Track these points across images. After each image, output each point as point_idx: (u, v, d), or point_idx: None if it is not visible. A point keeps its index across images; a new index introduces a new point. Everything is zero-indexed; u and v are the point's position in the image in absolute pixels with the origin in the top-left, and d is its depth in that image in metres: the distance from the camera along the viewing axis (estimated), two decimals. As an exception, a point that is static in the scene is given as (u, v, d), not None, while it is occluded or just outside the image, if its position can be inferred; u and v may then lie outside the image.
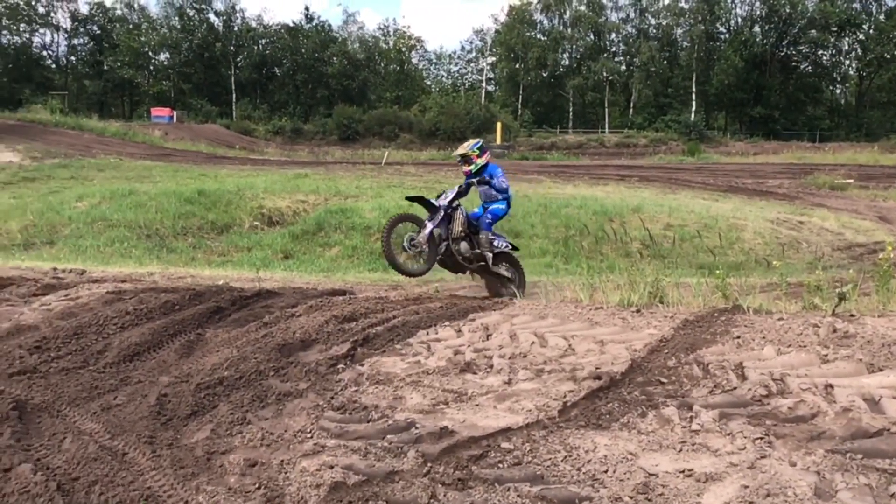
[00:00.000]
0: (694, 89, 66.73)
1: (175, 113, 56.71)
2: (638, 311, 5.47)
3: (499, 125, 50.16)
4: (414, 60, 78.71)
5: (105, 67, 69.04)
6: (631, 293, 5.91)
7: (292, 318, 5.59)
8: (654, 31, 71.81)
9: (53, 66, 70.98)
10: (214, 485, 3.05)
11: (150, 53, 70.11)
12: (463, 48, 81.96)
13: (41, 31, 68.59)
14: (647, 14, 72.37)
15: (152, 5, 74.05)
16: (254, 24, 72.09)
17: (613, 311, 5.47)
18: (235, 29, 70.79)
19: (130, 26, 70.54)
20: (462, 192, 7.73)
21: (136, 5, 72.78)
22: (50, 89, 62.65)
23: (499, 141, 47.26)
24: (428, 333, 5.11)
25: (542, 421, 3.51)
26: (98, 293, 6.78)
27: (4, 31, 65.65)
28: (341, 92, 66.15)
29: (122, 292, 6.76)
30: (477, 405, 3.78)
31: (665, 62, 70.49)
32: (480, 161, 7.88)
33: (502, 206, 7.89)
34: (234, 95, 67.47)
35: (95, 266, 11.40)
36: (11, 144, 31.42)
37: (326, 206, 18.04)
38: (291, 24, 71.35)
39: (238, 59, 69.58)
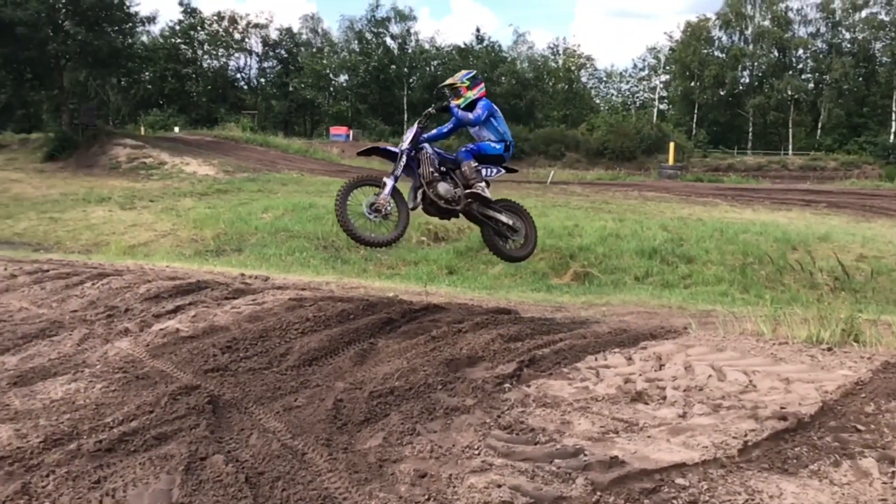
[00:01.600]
0: (894, 108, 60.92)
1: (351, 132, 59.97)
2: (829, 349, 5.03)
3: (671, 145, 48.42)
4: (583, 79, 78.08)
5: (290, 88, 74.36)
6: (821, 329, 5.45)
7: (459, 334, 5.67)
8: (849, 45, 66.44)
9: (245, 87, 77.49)
10: (386, 492, 3.14)
11: (331, 75, 74.65)
12: (635, 66, 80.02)
13: (236, 55, 75.19)
14: (840, 28, 67.17)
15: (335, 30, 78.62)
16: (427, 46, 74.81)
17: (800, 348, 5.07)
18: (409, 51, 73.76)
19: (314, 50, 75.61)
20: (425, 127, 6.47)
21: (320, 30, 78.02)
22: (242, 109, 68.46)
23: (671, 161, 45.62)
24: (596, 359, 5.00)
25: (719, 459, 3.31)
26: (281, 299, 7.24)
27: (206, 56, 72.64)
28: (508, 111, 66.66)
29: (303, 299, 7.17)
30: (649, 437, 3.63)
31: (860, 79, 64.97)
32: (471, 94, 6.51)
33: (497, 147, 6.64)
34: (405, 115, 70.22)
35: (278, 273, 12.23)
36: (208, 159, 34.65)
37: (492, 223, 18.23)
38: (462, 46, 73.33)
39: (411, 80, 72.39)
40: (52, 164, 35.07)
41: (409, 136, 6.39)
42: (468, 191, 6.37)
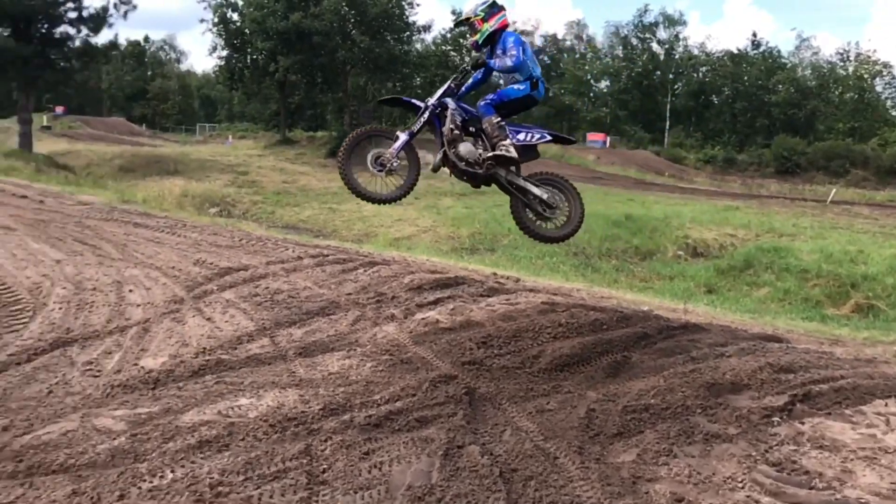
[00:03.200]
0: None
1: (608, 138, 59.23)
2: None
3: None
4: (878, 88, 69.43)
5: (550, 94, 75.33)
6: None
7: (721, 358, 5.32)
8: None
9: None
10: (640, 512, 3.04)
11: (592, 81, 74.28)
12: (948, 73, 69.19)
13: (509, 62, 77.68)
14: None
15: (599, 35, 77.88)
16: (695, 52, 71.50)
17: None
18: (676, 57, 71.02)
19: (577, 56, 75.75)
20: (460, 84, 5.74)
21: (584, 36, 78.00)
22: (512, 115, 70.65)
23: None
24: (886, 405, 4.39)
25: None
26: (534, 302, 7.33)
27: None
28: (784, 121, 61.63)
29: (555, 304, 7.20)
30: (956, 505, 3.11)
31: None
32: (488, 27, 5.60)
33: (521, 88, 5.62)
34: (667, 123, 67.77)
35: (528, 276, 12.42)
36: (470, 161, 36.24)
37: (757, 242, 16.95)
38: (735, 51, 69.00)
39: (675, 87, 69.70)
40: (333, 160, 39.02)
41: (439, 91, 5.73)
42: (490, 153, 5.56)
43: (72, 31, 30.57)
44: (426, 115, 5.58)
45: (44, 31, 30.00)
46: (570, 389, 4.71)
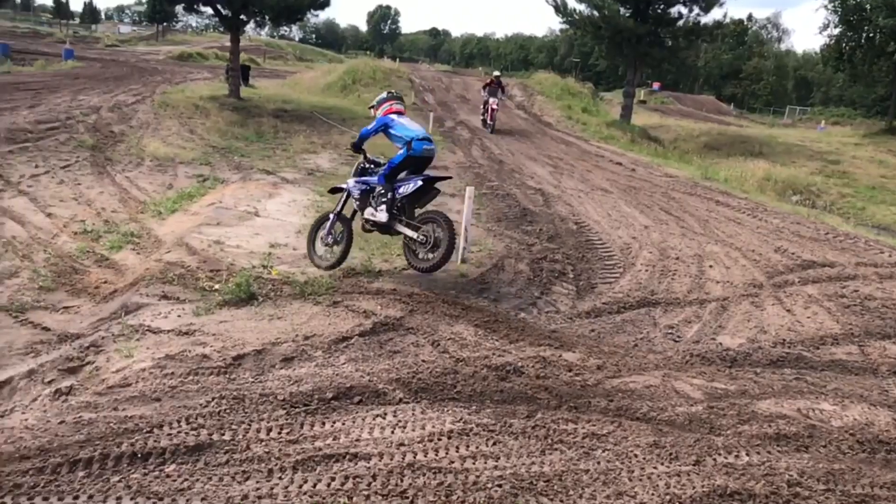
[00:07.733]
0: None
1: None
2: None
3: None
4: None
5: None
6: None
7: None
8: None
9: None
10: None
11: None
12: None
13: None
14: None
15: None
16: None
17: None
18: None
19: None
20: (371, 161, 7.11)
21: None
22: None
23: None
24: None
25: None
26: None
27: None
28: None
29: None
30: None
31: None
32: (378, 114, 6.94)
33: (401, 152, 6.60)
34: None
35: None
36: None
37: None
38: None
39: None
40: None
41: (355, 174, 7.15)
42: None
43: (684, 10, 32.18)
44: (344, 195, 7.08)
45: (660, 10, 32.27)
46: None
